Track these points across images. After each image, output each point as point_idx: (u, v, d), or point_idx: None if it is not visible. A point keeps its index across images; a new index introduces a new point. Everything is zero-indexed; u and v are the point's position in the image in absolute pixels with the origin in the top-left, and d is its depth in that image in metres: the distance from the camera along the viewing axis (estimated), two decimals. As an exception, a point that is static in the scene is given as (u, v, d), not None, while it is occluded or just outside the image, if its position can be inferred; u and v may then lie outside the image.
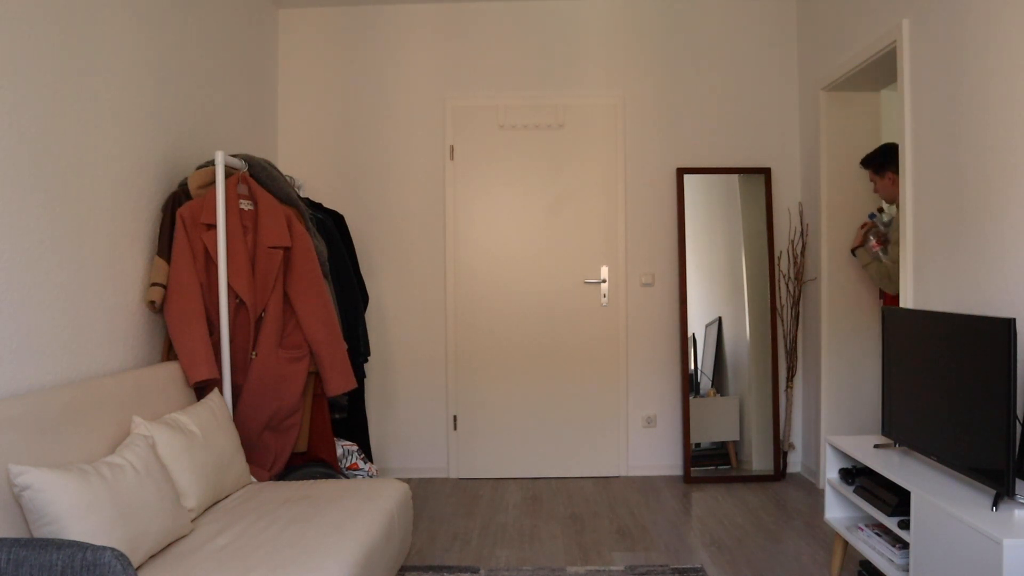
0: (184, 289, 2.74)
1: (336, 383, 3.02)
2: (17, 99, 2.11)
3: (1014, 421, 1.93)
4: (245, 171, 3.00)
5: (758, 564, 2.91)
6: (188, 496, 2.26)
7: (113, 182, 2.59)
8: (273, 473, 2.91)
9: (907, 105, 2.96)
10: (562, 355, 4.26)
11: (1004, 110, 2.33)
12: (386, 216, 4.29)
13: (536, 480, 4.21)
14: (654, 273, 4.25)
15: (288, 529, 2.16)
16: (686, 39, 4.25)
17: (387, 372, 4.29)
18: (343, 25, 4.29)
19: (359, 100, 4.29)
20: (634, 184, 4.26)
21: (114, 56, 2.61)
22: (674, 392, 4.26)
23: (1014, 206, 2.29)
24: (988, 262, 2.44)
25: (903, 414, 2.50)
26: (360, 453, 3.26)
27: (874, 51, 3.22)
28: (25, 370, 2.12)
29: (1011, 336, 1.92)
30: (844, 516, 2.77)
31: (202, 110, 3.30)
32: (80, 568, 1.46)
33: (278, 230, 2.92)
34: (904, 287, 3.00)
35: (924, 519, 2.07)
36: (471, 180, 4.27)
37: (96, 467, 1.89)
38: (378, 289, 4.29)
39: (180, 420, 2.41)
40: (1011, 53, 2.29)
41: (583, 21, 4.27)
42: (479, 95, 4.27)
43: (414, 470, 4.30)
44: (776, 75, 4.25)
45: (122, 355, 2.61)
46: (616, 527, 3.38)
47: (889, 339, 2.60)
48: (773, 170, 4.23)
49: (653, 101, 4.26)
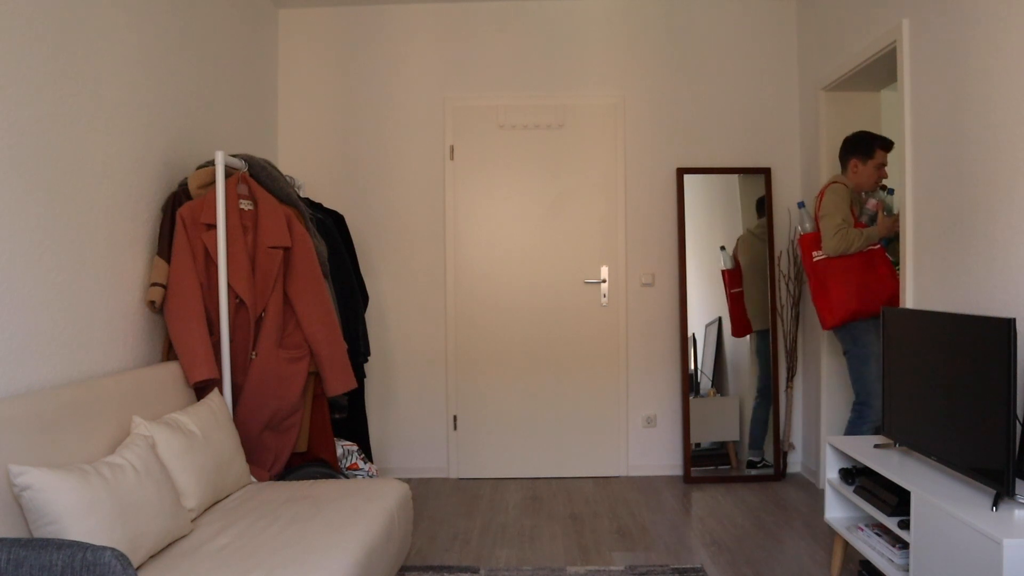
0: (184, 289, 2.73)
1: (336, 383, 3.02)
2: (17, 99, 2.11)
3: (1014, 421, 1.93)
4: (245, 171, 3.00)
5: (758, 564, 2.91)
6: (188, 496, 2.26)
7: (113, 182, 2.59)
8: (273, 473, 2.91)
9: (907, 105, 2.96)
10: (562, 355, 4.26)
11: (1004, 110, 2.33)
12: (386, 216, 4.29)
13: (536, 480, 4.21)
14: (654, 273, 4.25)
15: (288, 529, 2.16)
16: (686, 39, 4.25)
17: (387, 372, 4.29)
18: (343, 25, 4.29)
19: (359, 100, 4.29)
20: (634, 184, 4.26)
21: (114, 56, 2.61)
22: (674, 392, 4.26)
23: (1014, 206, 2.29)
24: (988, 262, 2.44)
25: (903, 414, 2.50)
26: (360, 453, 3.26)
27: (874, 51, 3.22)
28: (25, 370, 2.12)
29: (1011, 336, 1.92)
30: (844, 516, 2.77)
31: (202, 110, 3.30)
32: (80, 568, 1.46)
33: (278, 230, 2.92)
34: (904, 287, 3.00)
35: (924, 519, 2.07)
36: (471, 180, 4.27)
37: (96, 467, 1.89)
38: (378, 289, 4.29)
39: (180, 420, 2.41)
40: (1011, 53, 2.29)
41: (583, 21, 4.27)
42: (479, 95, 4.27)
43: (414, 470, 4.30)
44: (776, 75, 4.25)
45: (122, 355, 2.61)
46: (616, 527, 3.38)
47: (889, 339, 2.60)
48: (773, 170, 4.23)
49: (653, 101, 4.26)
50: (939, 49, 2.72)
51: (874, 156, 3.37)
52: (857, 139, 3.39)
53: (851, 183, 3.40)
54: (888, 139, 3.41)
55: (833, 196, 3.35)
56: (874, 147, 3.37)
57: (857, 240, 3.28)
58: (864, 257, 3.32)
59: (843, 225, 3.29)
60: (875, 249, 3.33)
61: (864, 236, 3.29)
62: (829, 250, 3.32)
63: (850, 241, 3.28)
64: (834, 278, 3.34)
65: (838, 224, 3.29)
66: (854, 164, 3.39)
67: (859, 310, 3.28)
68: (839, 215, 3.30)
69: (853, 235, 3.28)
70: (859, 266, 3.32)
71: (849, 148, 3.41)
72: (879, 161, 3.37)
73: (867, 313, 3.29)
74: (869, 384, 3.30)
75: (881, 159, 3.38)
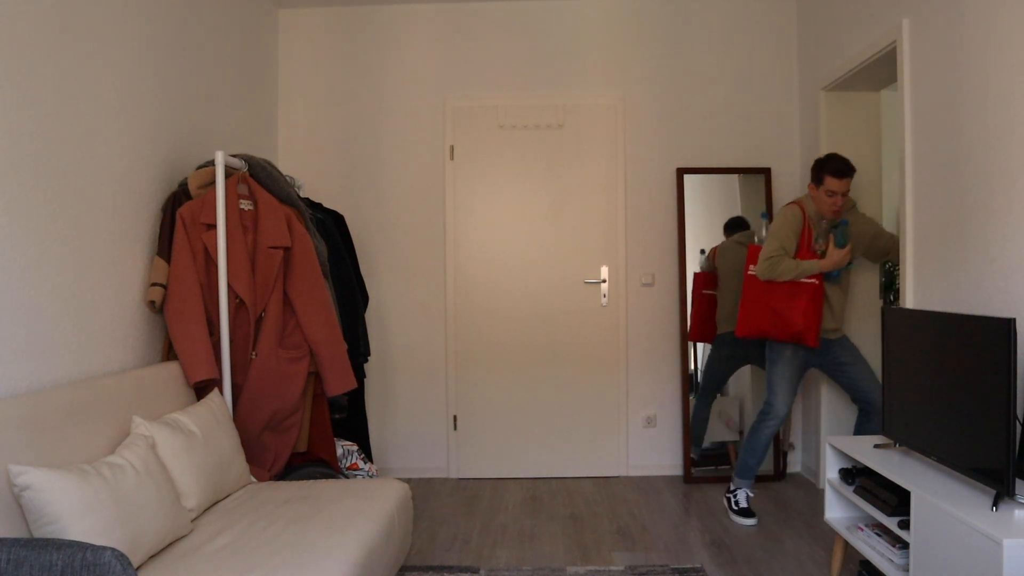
0: (184, 289, 2.74)
1: (336, 383, 3.02)
2: (18, 99, 2.11)
3: (1014, 421, 1.93)
4: (245, 171, 3.00)
5: (758, 564, 2.91)
6: (188, 496, 2.26)
7: (113, 182, 2.59)
8: (273, 473, 2.91)
9: (907, 105, 2.96)
10: (562, 355, 4.26)
11: (1004, 109, 2.33)
12: (386, 216, 4.29)
13: (536, 480, 4.21)
14: (654, 273, 4.25)
15: (288, 529, 2.16)
16: (686, 39, 4.25)
17: (387, 372, 4.29)
18: (343, 25, 4.29)
19: (359, 100, 4.29)
20: (634, 184, 4.26)
21: (114, 56, 2.61)
22: (674, 392, 4.26)
23: (1014, 206, 2.29)
24: (988, 262, 2.44)
25: (903, 414, 2.50)
26: (360, 453, 3.26)
27: (874, 51, 3.22)
28: (25, 370, 2.12)
29: (1011, 336, 1.92)
30: (844, 516, 2.77)
31: (202, 110, 3.31)
32: (80, 568, 1.46)
33: (278, 230, 2.92)
34: (904, 287, 3.00)
35: (924, 519, 2.07)
36: (471, 180, 4.27)
37: (96, 467, 1.89)
38: (378, 289, 4.29)
39: (180, 420, 2.41)
40: (1011, 53, 2.29)
41: (583, 21, 4.27)
42: (479, 95, 4.27)
43: (414, 470, 4.30)
44: (776, 75, 4.25)
45: (122, 355, 2.61)
46: (616, 527, 3.38)
47: (889, 339, 2.60)
48: (773, 170, 4.23)
49: (653, 101, 4.26)
50: (939, 49, 2.72)
51: (823, 183, 3.22)
52: (815, 162, 3.27)
53: (811, 208, 3.33)
54: (843, 166, 3.19)
55: (781, 219, 3.33)
56: (823, 173, 3.22)
57: (789, 272, 3.25)
58: (791, 286, 3.28)
59: (776, 253, 3.27)
60: (809, 282, 3.27)
61: (800, 269, 3.24)
62: (757, 272, 3.33)
63: (778, 272, 3.26)
64: (754, 294, 3.37)
65: (772, 250, 3.28)
66: (811, 188, 3.31)
67: (768, 332, 3.34)
68: (777, 241, 3.28)
69: (784, 267, 3.25)
70: (781, 293, 3.30)
71: (811, 170, 3.31)
72: (829, 188, 3.21)
73: (776, 338, 3.34)
74: (774, 385, 3.39)
75: (831, 186, 3.20)
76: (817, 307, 3.26)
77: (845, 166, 3.20)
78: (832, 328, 3.38)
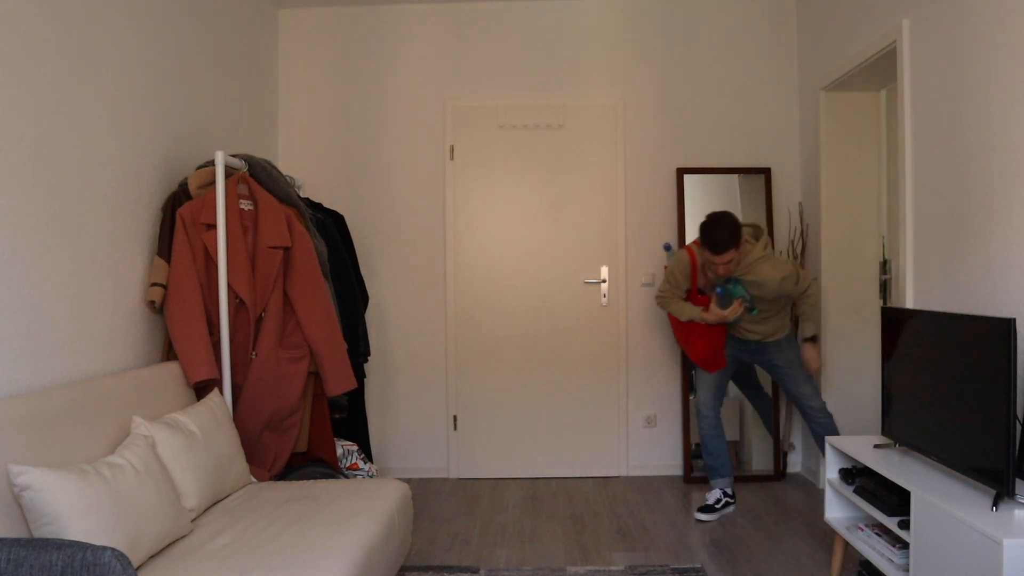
0: (184, 289, 2.74)
1: (336, 383, 3.02)
2: (17, 99, 2.11)
3: (1014, 421, 1.93)
4: (245, 171, 3.00)
5: (758, 564, 2.91)
6: (188, 496, 2.26)
7: (113, 182, 2.59)
8: (273, 473, 2.91)
9: (907, 105, 2.96)
10: (562, 355, 4.26)
11: (1004, 110, 2.33)
12: (386, 216, 4.29)
13: (536, 480, 4.21)
14: (654, 273, 4.25)
15: (288, 529, 2.16)
16: (686, 39, 4.26)
17: (387, 372, 4.29)
18: (343, 25, 4.29)
19: (359, 100, 4.29)
20: (634, 184, 4.26)
21: (114, 56, 2.61)
22: (674, 392, 4.26)
23: (1014, 206, 2.29)
24: (988, 262, 2.44)
25: (903, 414, 2.50)
26: (360, 453, 3.26)
27: (874, 51, 3.22)
28: (25, 370, 2.12)
29: (1011, 336, 1.92)
30: (844, 516, 2.77)
31: (202, 110, 3.31)
32: (80, 568, 1.46)
33: (278, 230, 2.92)
34: (905, 287, 3.00)
35: (924, 519, 2.07)
36: (471, 180, 4.27)
37: (96, 467, 1.89)
38: (378, 289, 4.29)
39: (180, 420, 2.41)
40: (1011, 52, 2.29)
41: (583, 21, 4.27)
42: (479, 95, 4.27)
43: (414, 470, 4.30)
44: (776, 75, 4.25)
45: (122, 355, 2.61)
46: (616, 527, 3.38)
47: (889, 339, 2.60)
48: (773, 170, 4.23)
49: (653, 101, 4.26)
50: (939, 49, 2.72)
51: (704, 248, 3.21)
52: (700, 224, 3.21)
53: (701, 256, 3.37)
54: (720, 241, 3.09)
55: (675, 261, 3.54)
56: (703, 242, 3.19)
57: (676, 313, 3.51)
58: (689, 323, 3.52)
59: (663, 293, 3.57)
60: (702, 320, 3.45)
61: (684, 314, 3.48)
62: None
63: (668, 309, 3.56)
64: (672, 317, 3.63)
65: (662, 289, 3.59)
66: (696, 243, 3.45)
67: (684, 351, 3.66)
68: (668, 283, 3.55)
69: (672, 307, 3.53)
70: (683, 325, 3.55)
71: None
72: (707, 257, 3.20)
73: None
74: (697, 386, 3.59)
75: (709, 257, 3.18)
76: (711, 342, 3.48)
77: (723, 240, 3.07)
78: (768, 332, 3.46)
